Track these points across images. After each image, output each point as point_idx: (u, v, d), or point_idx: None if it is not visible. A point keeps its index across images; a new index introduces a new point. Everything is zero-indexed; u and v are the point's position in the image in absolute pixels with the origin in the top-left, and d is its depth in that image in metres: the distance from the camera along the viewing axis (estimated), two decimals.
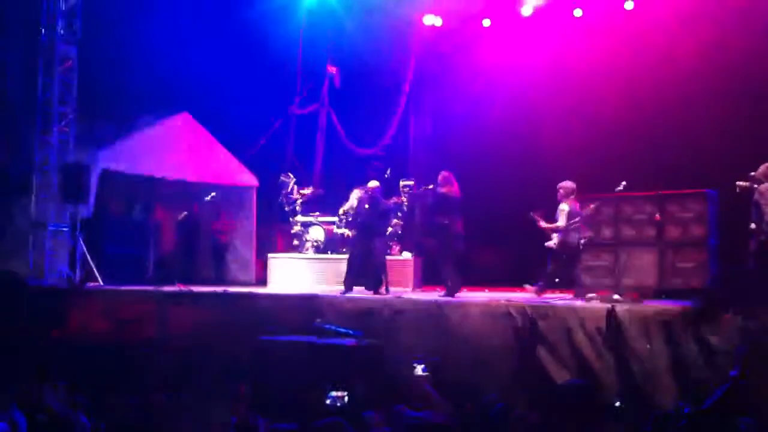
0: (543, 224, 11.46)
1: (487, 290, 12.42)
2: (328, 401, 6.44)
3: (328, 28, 15.90)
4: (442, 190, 11.49)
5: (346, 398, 6.47)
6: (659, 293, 10.94)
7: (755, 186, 9.51)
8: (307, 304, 11.00)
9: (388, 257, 13.61)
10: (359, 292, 12.02)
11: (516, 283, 12.59)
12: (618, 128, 13.36)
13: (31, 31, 14.14)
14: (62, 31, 14.08)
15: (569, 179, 11.53)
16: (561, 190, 11.31)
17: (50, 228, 13.81)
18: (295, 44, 15.95)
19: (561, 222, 11.17)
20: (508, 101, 14.54)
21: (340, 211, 14.06)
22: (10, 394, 5.75)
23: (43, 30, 14.07)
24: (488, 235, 14.25)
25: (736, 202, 10.39)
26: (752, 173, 9.53)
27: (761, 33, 12.05)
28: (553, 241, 11.39)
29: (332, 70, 16.30)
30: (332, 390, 6.53)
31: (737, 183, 9.65)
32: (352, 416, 5.04)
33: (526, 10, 14.26)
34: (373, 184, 12.40)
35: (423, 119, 16.58)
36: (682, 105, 12.89)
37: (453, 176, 11.56)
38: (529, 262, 13.24)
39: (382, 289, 11.92)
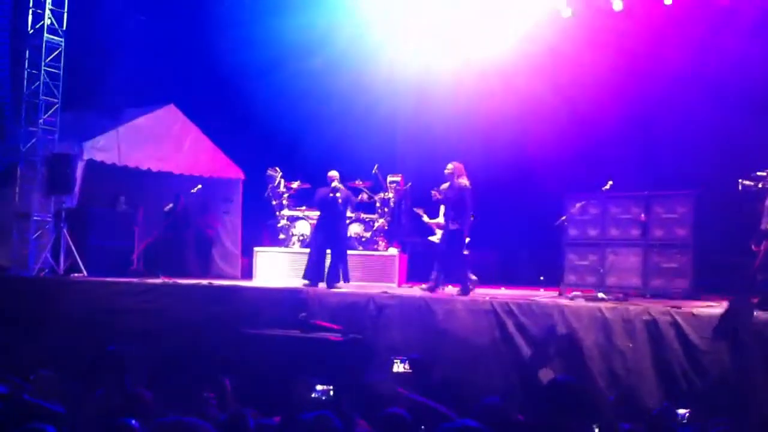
0: (426, 219, 12.32)
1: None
2: (314, 395, 6.43)
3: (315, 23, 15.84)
4: (464, 181, 11.18)
5: (331, 392, 6.46)
6: (643, 292, 11.04)
7: (759, 185, 9.45)
8: (293, 298, 11.00)
9: (374, 252, 13.68)
10: (343, 285, 12.05)
11: (502, 282, 12.72)
12: (606, 128, 13.42)
13: (18, 21, 14.04)
14: (49, 22, 14.00)
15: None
16: (438, 194, 11.48)
17: (35, 218, 13.74)
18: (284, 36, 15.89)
19: (441, 219, 11.73)
20: (496, 99, 14.54)
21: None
22: None
23: (30, 21, 14.00)
24: (472, 233, 14.30)
25: (722, 203, 10.47)
26: (759, 173, 9.47)
27: (749, 34, 12.11)
28: (436, 237, 12.20)
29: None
30: (318, 384, 6.53)
31: (741, 181, 9.60)
32: (338, 410, 5.04)
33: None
34: (334, 173, 12.41)
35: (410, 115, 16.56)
36: (670, 105, 12.95)
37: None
38: (518, 260, 13.36)
39: (340, 283, 11.99)
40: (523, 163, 14.16)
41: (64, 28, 14.17)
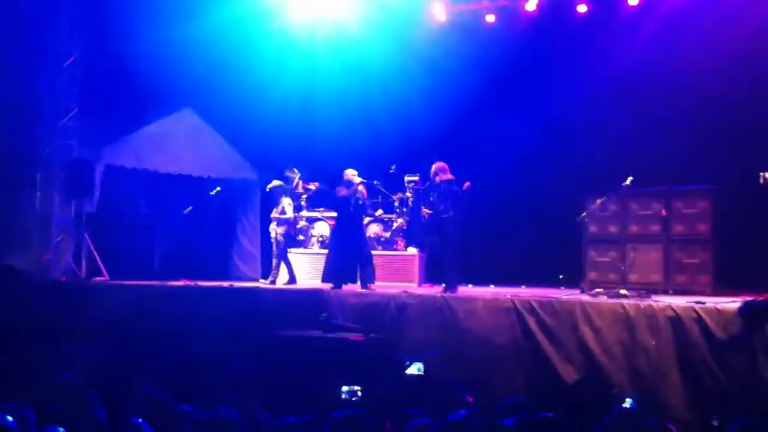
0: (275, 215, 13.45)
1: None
2: (343, 395, 6.42)
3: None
4: (449, 177, 11.29)
5: (360, 392, 6.45)
6: (666, 289, 10.97)
7: None
8: (313, 298, 11.02)
9: (394, 252, 13.68)
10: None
11: (521, 281, 12.66)
12: (625, 123, 13.31)
13: (36, 27, 14.09)
14: (67, 27, 14.07)
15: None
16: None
17: (55, 223, 13.81)
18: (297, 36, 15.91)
19: (289, 214, 13.20)
20: (512, 94, 14.49)
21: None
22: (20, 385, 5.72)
23: (47, 26, 14.07)
24: (491, 231, 14.27)
25: (743, 196, 10.36)
26: None
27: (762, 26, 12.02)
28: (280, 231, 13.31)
29: None
30: (344, 384, 6.52)
31: (763, 174, 9.55)
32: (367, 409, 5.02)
33: (530, 6, 14.20)
34: (352, 171, 12.37)
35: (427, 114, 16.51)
36: (690, 99, 12.83)
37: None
38: (538, 258, 13.28)
39: (373, 285, 11.90)
40: (539, 159, 14.08)
41: (83, 32, 14.25)
